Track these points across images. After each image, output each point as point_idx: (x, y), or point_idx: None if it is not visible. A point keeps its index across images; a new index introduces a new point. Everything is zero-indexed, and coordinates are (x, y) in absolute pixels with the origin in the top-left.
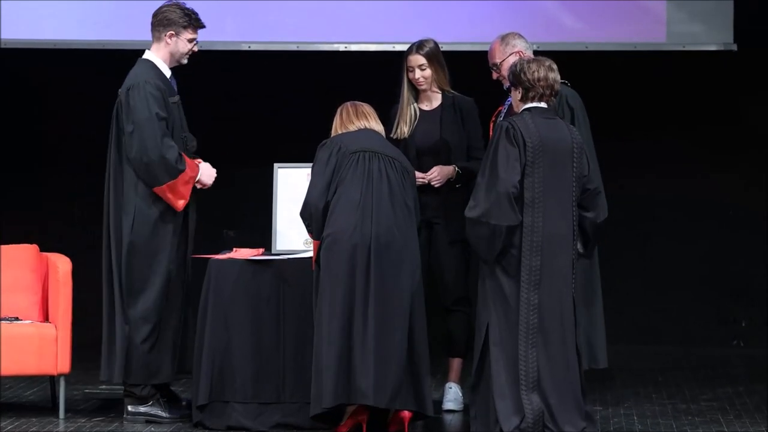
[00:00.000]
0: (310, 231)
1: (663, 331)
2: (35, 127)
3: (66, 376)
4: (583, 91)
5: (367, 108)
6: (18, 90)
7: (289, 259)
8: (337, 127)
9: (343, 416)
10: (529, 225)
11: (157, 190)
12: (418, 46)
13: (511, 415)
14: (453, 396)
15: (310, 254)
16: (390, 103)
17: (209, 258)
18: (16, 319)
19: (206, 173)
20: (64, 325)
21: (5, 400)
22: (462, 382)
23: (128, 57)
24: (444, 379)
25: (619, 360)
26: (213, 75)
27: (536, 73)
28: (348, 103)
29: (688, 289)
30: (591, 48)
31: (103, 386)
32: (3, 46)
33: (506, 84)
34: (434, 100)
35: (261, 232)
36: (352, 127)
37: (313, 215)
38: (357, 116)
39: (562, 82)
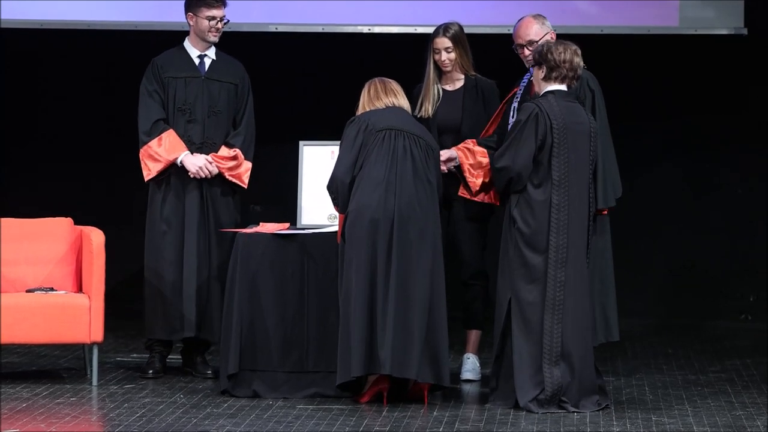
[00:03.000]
0: (336, 204)
1: (673, 305)
2: (72, 101)
3: (99, 344)
4: (599, 75)
5: (395, 85)
6: (59, 64)
7: (313, 233)
8: (365, 104)
9: (364, 386)
10: (557, 203)
11: None
12: (444, 29)
13: (530, 388)
14: (471, 366)
15: (334, 229)
16: (411, 83)
17: (237, 232)
18: (51, 289)
19: (189, 161)
20: (97, 296)
21: (40, 368)
22: (479, 353)
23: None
24: (462, 350)
25: (631, 333)
26: (240, 55)
27: (562, 55)
28: (376, 80)
29: (697, 266)
30: (606, 31)
31: (135, 354)
32: (3, 26)
33: (529, 62)
34: (457, 82)
35: (286, 207)
36: (379, 104)
37: (339, 189)
38: (386, 93)
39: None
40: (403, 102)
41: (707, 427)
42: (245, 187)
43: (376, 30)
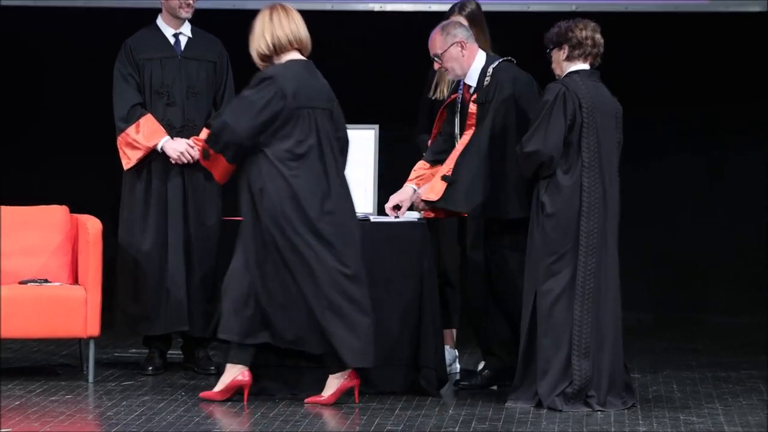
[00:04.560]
0: (213, 146)
1: (699, 299)
2: (73, 87)
3: (95, 339)
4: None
5: (299, 22)
6: (51, 47)
7: None
8: (270, 40)
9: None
10: (588, 186)
11: None
12: (460, 7)
13: (556, 382)
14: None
15: None
16: (425, 64)
17: (241, 220)
18: (45, 281)
19: (169, 146)
20: (94, 288)
21: (34, 363)
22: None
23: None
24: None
25: (651, 327)
26: (244, 36)
27: (584, 32)
28: (279, 8)
29: (724, 259)
30: (631, 9)
31: (133, 350)
32: (3, 4)
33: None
34: None
35: None
36: (289, 56)
37: (231, 144)
38: (292, 39)
39: (507, 60)
40: (306, 43)
41: (739, 426)
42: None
43: (389, 7)
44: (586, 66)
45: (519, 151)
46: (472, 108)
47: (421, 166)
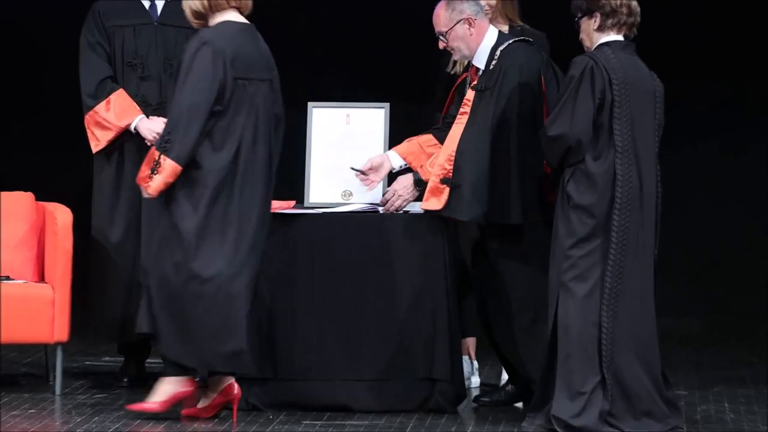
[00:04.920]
0: (166, 145)
1: (755, 304)
2: (30, 67)
3: (64, 345)
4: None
5: None
6: (10, 35)
7: (325, 213)
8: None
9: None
10: (622, 175)
11: None
12: None
13: (576, 403)
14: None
15: (350, 208)
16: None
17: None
18: (7, 278)
19: (144, 126)
20: (63, 286)
21: None
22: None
23: None
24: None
25: (705, 336)
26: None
27: None
28: None
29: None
30: None
31: (107, 357)
32: None
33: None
34: None
35: (291, 181)
36: (226, 16)
37: (186, 128)
38: None
39: (521, 40)
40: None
41: None
42: None
43: None
44: (619, 37)
45: (542, 135)
46: (469, 94)
47: (427, 141)
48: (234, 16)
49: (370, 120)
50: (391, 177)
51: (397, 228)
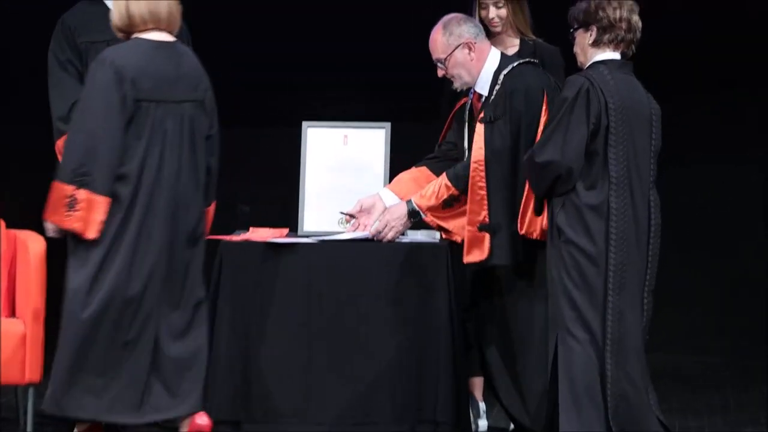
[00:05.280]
0: (84, 178)
1: (741, 335)
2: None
3: (36, 386)
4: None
5: None
6: None
7: (320, 242)
8: (125, 15)
9: None
10: (617, 208)
11: None
12: None
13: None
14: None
15: (346, 236)
16: None
17: (220, 240)
18: None
19: None
20: (35, 322)
21: None
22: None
23: None
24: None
25: (729, 374)
26: (221, 17)
27: (618, 12)
28: None
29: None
30: None
31: None
32: None
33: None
34: (510, 47)
35: (284, 207)
36: (147, 35)
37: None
38: (146, 16)
39: (526, 62)
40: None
41: None
42: None
43: None
44: (616, 55)
45: (529, 161)
46: (479, 128)
47: (420, 175)
48: (153, 34)
49: (369, 141)
50: None
51: (397, 259)
